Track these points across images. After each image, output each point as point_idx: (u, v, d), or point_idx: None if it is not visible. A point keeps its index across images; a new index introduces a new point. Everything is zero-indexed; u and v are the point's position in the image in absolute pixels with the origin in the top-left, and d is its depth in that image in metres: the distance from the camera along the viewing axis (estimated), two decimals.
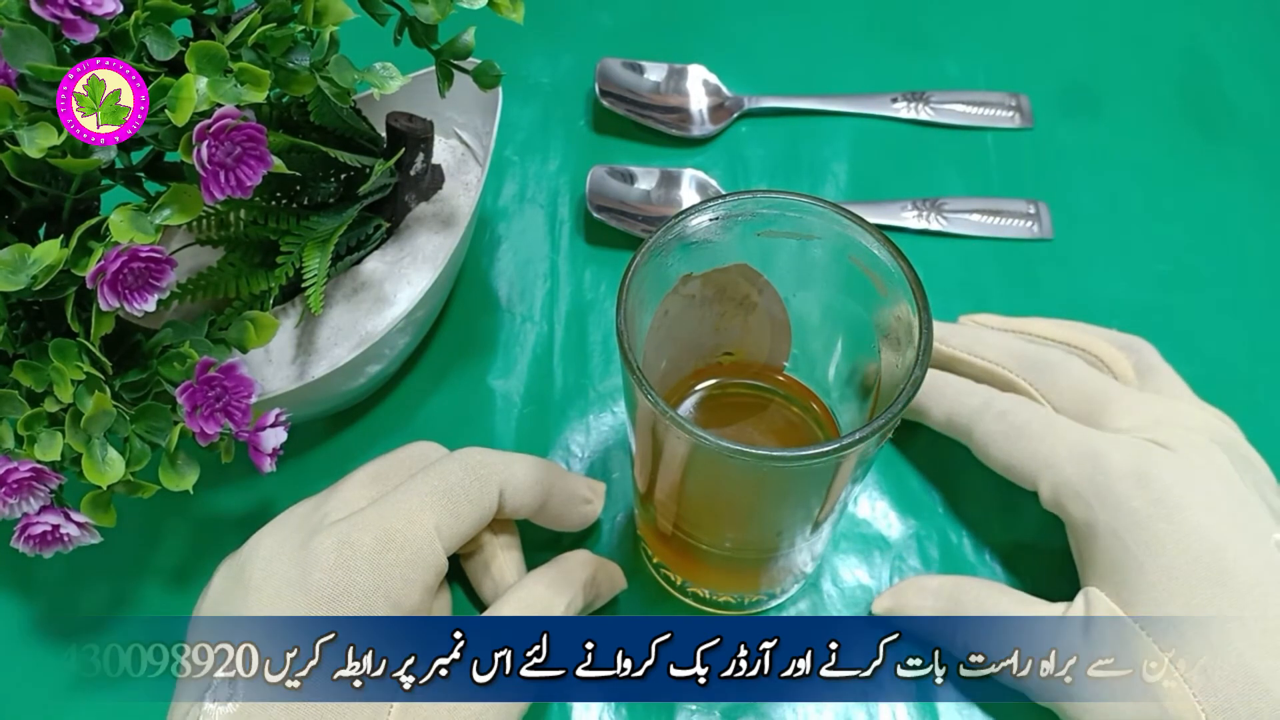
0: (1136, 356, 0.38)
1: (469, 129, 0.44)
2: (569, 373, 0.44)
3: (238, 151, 0.28)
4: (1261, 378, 0.40)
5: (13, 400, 0.30)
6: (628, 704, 0.36)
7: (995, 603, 0.35)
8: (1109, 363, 0.38)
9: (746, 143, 0.51)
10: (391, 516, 0.32)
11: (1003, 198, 0.49)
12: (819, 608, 0.38)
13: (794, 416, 0.37)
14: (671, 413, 0.26)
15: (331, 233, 0.37)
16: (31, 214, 0.31)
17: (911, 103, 0.51)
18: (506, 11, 0.34)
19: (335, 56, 0.31)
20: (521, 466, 0.35)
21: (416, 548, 0.31)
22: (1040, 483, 0.35)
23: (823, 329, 0.34)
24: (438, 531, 0.32)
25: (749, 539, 0.33)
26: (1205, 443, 0.34)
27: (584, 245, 0.47)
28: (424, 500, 0.32)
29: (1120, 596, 0.32)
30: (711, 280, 0.32)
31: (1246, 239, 0.48)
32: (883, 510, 0.40)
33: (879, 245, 0.29)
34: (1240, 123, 0.51)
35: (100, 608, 0.38)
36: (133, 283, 0.28)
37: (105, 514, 0.31)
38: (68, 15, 0.26)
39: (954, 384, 0.39)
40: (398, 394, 0.43)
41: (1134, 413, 0.35)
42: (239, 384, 0.30)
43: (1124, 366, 0.38)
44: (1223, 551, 0.31)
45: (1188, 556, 0.31)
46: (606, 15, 0.55)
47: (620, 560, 0.39)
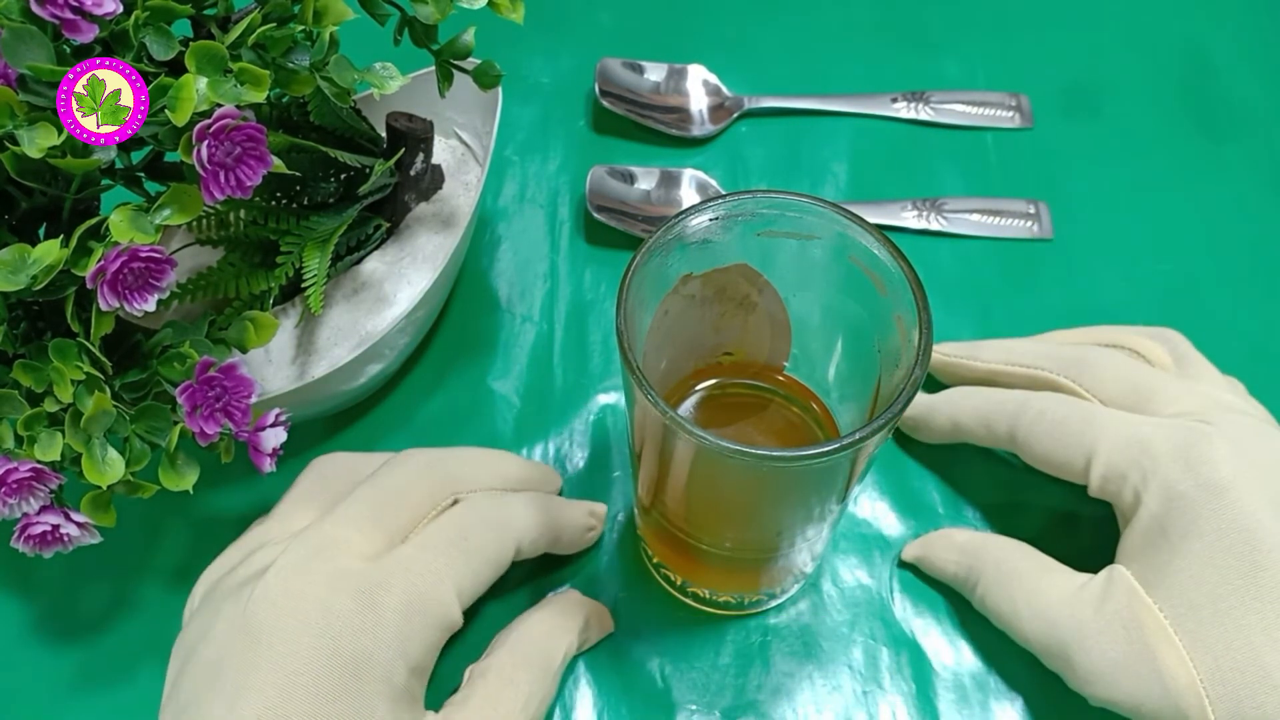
0: (1170, 346, 0.38)
1: (469, 129, 0.44)
2: (569, 372, 0.44)
3: (238, 151, 0.28)
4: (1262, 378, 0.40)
5: (13, 400, 0.30)
6: (628, 703, 0.36)
7: (1015, 565, 0.35)
8: (1146, 354, 0.38)
9: (746, 143, 0.51)
10: (416, 577, 0.31)
11: (1003, 198, 0.49)
12: (819, 608, 0.38)
13: (794, 416, 0.37)
14: (671, 413, 0.26)
15: (331, 233, 0.37)
16: (31, 214, 0.31)
17: (911, 103, 0.51)
18: (506, 11, 0.34)
19: (335, 56, 0.31)
20: (532, 515, 0.35)
21: (440, 611, 0.31)
22: (1089, 472, 0.35)
23: (823, 329, 0.34)
24: (458, 594, 0.32)
25: (749, 539, 0.33)
26: (1254, 422, 0.34)
27: (584, 245, 0.47)
28: (448, 561, 0.32)
29: (1146, 577, 0.32)
30: (711, 280, 0.32)
31: (1246, 239, 0.48)
32: (883, 510, 0.40)
33: (879, 245, 0.29)
34: (1240, 123, 0.51)
35: (100, 608, 0.38)
36: (133, 283, 0.28)
37: (105, 514, 0.31)
38: (68, 15, 0.26)
39: (985, 392, 0.39)
40: (398, 394, 0.43)
41: (1182, 399, 0.35)
42: (239, 384, 0.30)
43: (1161, 356, 0.38)
44: (1259, 540, 0.31)
45: (1223, 545, 0.31)
46: (606, 15, 0.55)
47: (620, 560, 0.39)
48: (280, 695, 0.28)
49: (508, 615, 0.36)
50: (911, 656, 0.37)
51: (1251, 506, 0.31)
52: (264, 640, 0.29)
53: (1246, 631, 0.30)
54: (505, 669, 0.33)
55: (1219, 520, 0.32)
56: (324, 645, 0.29)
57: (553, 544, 0.36)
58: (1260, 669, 0.30)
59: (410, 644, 0.30)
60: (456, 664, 0.34)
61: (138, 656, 0.37)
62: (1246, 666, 0.30)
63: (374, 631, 0.29)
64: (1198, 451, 0.33)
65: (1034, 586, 0.34)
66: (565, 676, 0.36)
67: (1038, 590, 0.34)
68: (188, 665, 0.30)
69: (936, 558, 0.38)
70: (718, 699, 0.36)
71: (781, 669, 0.37)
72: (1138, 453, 0.34)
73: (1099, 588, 0.33)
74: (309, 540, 0.31)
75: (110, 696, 0.36)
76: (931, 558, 0.38)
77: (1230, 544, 0.31)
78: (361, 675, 0.29)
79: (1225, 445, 0.33)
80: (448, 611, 0.31)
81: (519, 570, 0.37)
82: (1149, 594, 0.32)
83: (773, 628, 0.38)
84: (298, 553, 0.31)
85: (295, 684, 0.28)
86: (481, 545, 0.33)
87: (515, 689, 0.32)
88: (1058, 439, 0.36)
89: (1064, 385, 0.38)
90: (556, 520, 0.36)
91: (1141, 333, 0.40)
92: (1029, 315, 0.44)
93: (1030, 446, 0.37)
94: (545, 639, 0.34)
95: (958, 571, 0.37)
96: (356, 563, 0.31)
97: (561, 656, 0.34)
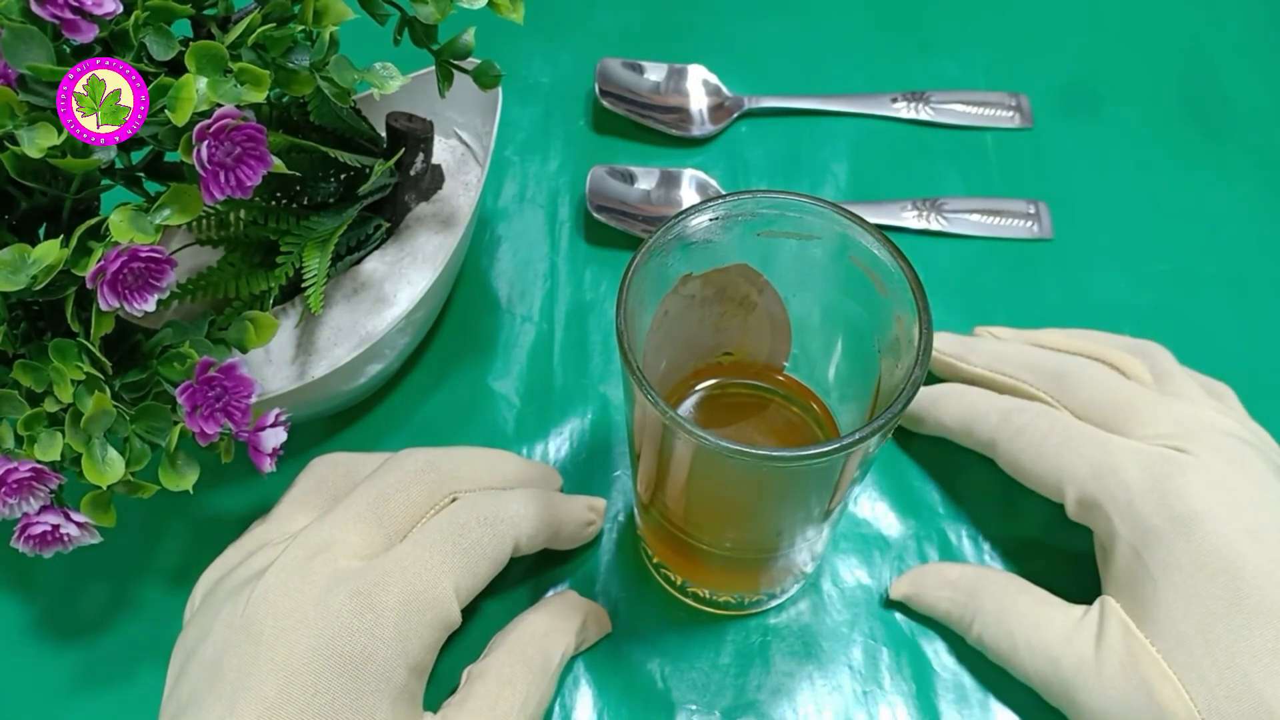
0: (1151, 361, 0.38)
1: (469, 129, 0.44)
2: (569, 373, 0.44)
3: (238, 151, 0.28)
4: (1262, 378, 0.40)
5: (13, 400, 0.30)
6: (628, 703, 0.36)
7: (1013, 600, 0.35)
8: (1125, 369, 0.38)
9: (746, 143, 0.51)
10: (414, 575, 0.31)
11: (1003, 198, 0.49)
12: (819, 608, 0.38)
13: (794, 416, 0.37)
14: (671, 413, 0.26)
15: (331, 233, 0.37)
16: (31, 214, 0.31)
17: (911, 103, 0.51)
18: (506, 11, 0.34)
19: (335, 56, 0.31)
20: (530, 510, 0.34)
21: (438, 610, 0.31)
22: (1064, 497, 0.35)
23: (823, 329, 0.34)
24: (456, 592, 0.32)
25: (749, 539, 0.33)
26: (1235, 444, 0.34)
27: (584, 245, 0.47)
28: (446, 558, 0.32)
29: (1134, 611, 0.32)
30: (711, 280, 0.32)
31: (1246, 239, 0.48)
32: (883, 510, 0.40)
33: (879, 245, 0.29)
34: (1240, 123, 0.51)
35: (100, 608, 0.38)
36: (133, 283, 0.28)
37: (105, 514, 0.31)
38: (68, 15, 0.26)
39: (971, 397, 0.39)
40: (398, 394, 0.43)
41: (1158, 419, 0.35)
42: (239, 384, 0.30)
43: (1141, 372, 0.38)
44: (1240, 569, 0.31)
45: (1203, 575, 0.31)
46: (606, 15, 0.55)
47: (620, 560, 0.39)
48: (280, 696, 0.28)
49: (506, 614, 0.36)
50: (911, 656, 0.37)
51: (1229, 537, 0.31)
52: (263, 641, 0.29)
53: (1237, 659, 0.30)
54: (503, 669, 0.33)
55: (1195, 553, 0.32)
56: (323, 646, 0.29)
57: (551, 539, 0.36)
58: (1255, 697, 0.30)
59: (409, 643, 0.30)
60: (455, 664, 0.34)
61: (138, 656, 0.37)
62: (1241, 695, 0.30)
63: (373, 631, 0.29)
64: (1171, 484, 0.33)
65: (1033, 623, 0.34)
66: (565, 677, 0.36)
67: (1036, 627, 0.34)
68: (188, 666, 0.30)
69: (928, 595, 0.37)
70: (718, 699, 0.36)
71: (781, 669, 0.37)
72: (1112, 484, 0.34)
73: (1094, 623, 0.33)
74: (307, 541, 0.31)
75: (110, 696, 0.36)
76: (923, 595, 0.37)
77: (1211, 575, 0.31)
78: (361, 675, 0.29)
79: (1198, 476, 0.33)
80: (446, 610, 0.31)
81: (518, 569, 0.37)
82: (1140, 629, 0.32)
83: (773, 628, 0.38)
84: (296, 554, 0.31)
85: (294, 684, 0.28)
86: (479, 542, 0.32)
87: (513, 689, 0.32)
88: (1034, 459, 0.36)
89: (1044, 401, 0.38)
90: (555, 515, 0.36)
91: (1124, 346, 0.39)
92: (1029, 315, 0.44)
93: (1008, 461, 0.37)
94: (543, 639, 0.34)
95: (951, 609, 0.36)
96: (355, 563, 0.31)
97: (560, 657, 0.34)
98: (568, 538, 0.37)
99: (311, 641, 0.29)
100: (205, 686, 0.29)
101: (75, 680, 0.36)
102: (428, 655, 0.31)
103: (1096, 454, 0.35)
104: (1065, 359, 0.39)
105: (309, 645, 0.29)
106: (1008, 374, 0.39)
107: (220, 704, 0.28)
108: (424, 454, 0.35)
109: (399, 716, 0.30)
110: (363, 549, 0.31)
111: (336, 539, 0.31)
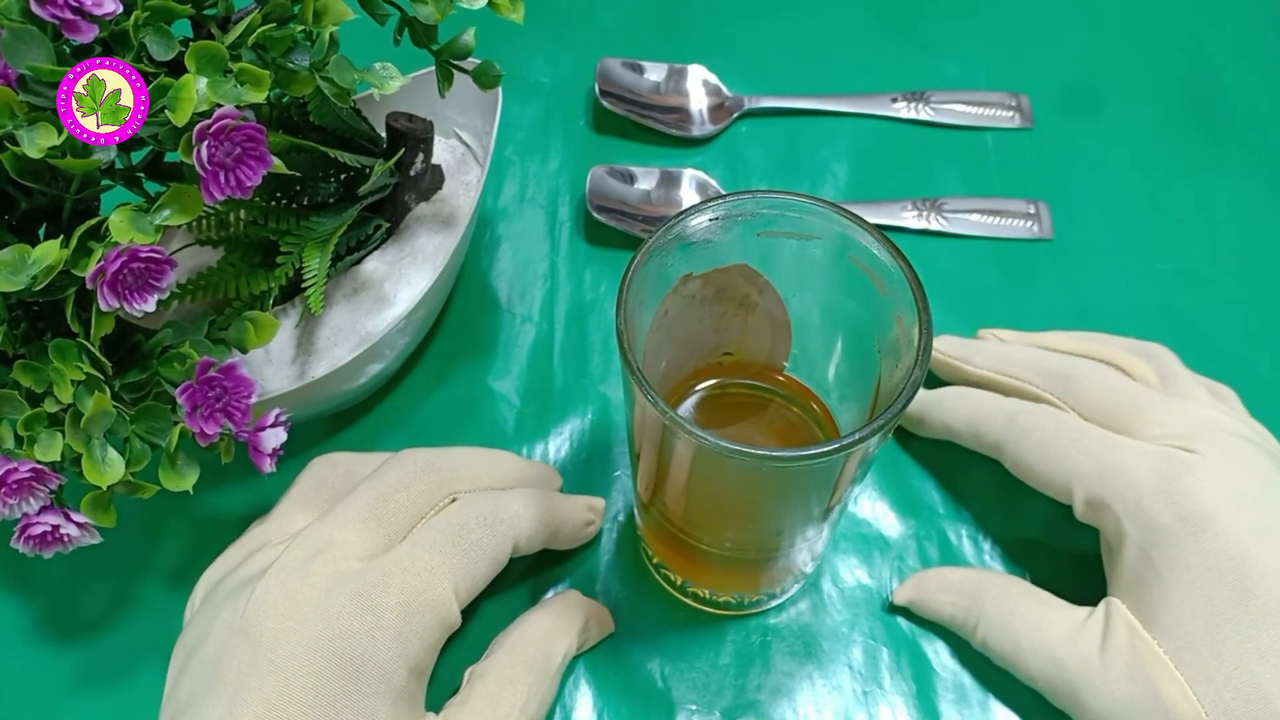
0: (1156, 362, 0.38)
1: (469, 129, 0.44)
2: (569, 373, 0.44)
3: (238, 152, 0.28)
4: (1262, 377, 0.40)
5: (13, 400, 0.30)
6: (628, 703, 0.36)
7: (1016, 603, 0.35)
8: (1131, 371, 0.38)
9: (746, 143, 0.51)
10: (414, 576, 0.31)
11: (1003, 198, 0.49)
12: (819, 608, 0.38)
13: (794, 416, 0.37)
14: (671, 413, 0.26)
15: (331, 233, 0.37)
16: (31, 214, 0.31)
17: (911, 103, 0.51)
18: (506, 11, 0.34)
19: (335, 56, 0.31)
20: (529, 511, 0.34)
21: (438, 611, 0.31)
22: (1072, 497, 0.35)
23: (823, 329, 0.34)
24: (456, 593, 0.32)
25: (749, 539, 0.33)
26: (1241, 444, 0.34)
27: (584, 245, 0.47)
28: (445, 559, 0.32)
29: (1141, 612, 0.32)
30: (711, 280, 0.32)
31: (1246, 238, 0.48)
32: (883, 510, 0.40)
33: (879, 245, 0.29)
34: (1240, 123, 0.51)
35: (100, 608, 0.38)
36: (133, 283, 0.28)
37: (105, 514, 0.31)
38: (68, 15, 0.26)
39: (976, 399, 0.39)
40: (398, 394, 0.43)
41: (1165, 420, 0.35)
42: (239, 384, 0.30)
43: (1146, 373, 0.38)
44: (1248, 569, 0.31)
45: (1212, 575, 0.31)
46: (606, 15, 0.55)
47: (620, 560, 0.39)
48: (279, 697, 0.28)
49: (507, 615, 0.36)
50: (911, 656, 0.37)
51: (1237, 536, 0.31)
52: (263, 642, 0.29)
53: (1244, 660, 0.30)
54: (505, 670, 0.33)
55: (1204, 552, 0.32)
56: (323, 647, 0.29)
57: (551, 539, 0.36)
58: (1262, 697, 0.30)
59: (409, 644, 0.30)
60: (456, 665, 0.34)
61: (138, 656, 0.37)
62: (1248, 696, 0.30)
63: (372, 632, 0.29)
64: (1180, 484, 0.33)
65: (1037, 625, 0.34)
66: (565, 677, 0.36)
67: (1040, 629, 0.34)
68: (188, 666, 0.30)
69: (931, 600, 0.37)
70: (718, 699, 0.36)
71: (781, 669, 0.37)
72: (1121, 484, 0.34)
73: (1099, 624, 0.33)
74: (307, 542, 0.31)
75: (110, 696, 0.36)
76: (926, 600, 0.37)
77: (1219, 574, 0.31)
78: (361, 676, 0.29)
79: (1207, 475, 0.33)
80: (446, 610, 0.31)
81: (518, 570, 0.37)
82: (1146, 629, 0.32)
83: (773, 628, 0.38)
84: (296, 554, 0.31)
85: (294, 685, 0.28)
86: (478, 542, 0.32)
87: (515, 690, 0.32)
88: (1042, 460, 0.36)
89: (1050, 402, 0.38)
90: (554, 515, 0.36)
91: (1129, 347, 0.39)
92: (1029, 315, 0.44)
93: (1015, 463, 0.37)
94: (545, 639, 0.34)
95: (955, 613, 0.36)
96: (354, 563, 0.31)
97: (561, 657, 0.34)
98: (567, 538, 0.37)
99: (311, 643, 0.29)
100: (205, 687, 0.29)
101: (75, 680, 0.36)
102: (428, 656, 0.31)
103: (1104, 454, 0.35)
104: (1070, 360, 0.39)
105: (309, 646, 0.29)
106: (1013, 376, 0.39)
107: (220, 704, 0.28)
108: (424, 454, 0.35)
109: (399, 717, 0.30)
110: (362, 550, 0.31)
111: (336, 540, 0.31)
